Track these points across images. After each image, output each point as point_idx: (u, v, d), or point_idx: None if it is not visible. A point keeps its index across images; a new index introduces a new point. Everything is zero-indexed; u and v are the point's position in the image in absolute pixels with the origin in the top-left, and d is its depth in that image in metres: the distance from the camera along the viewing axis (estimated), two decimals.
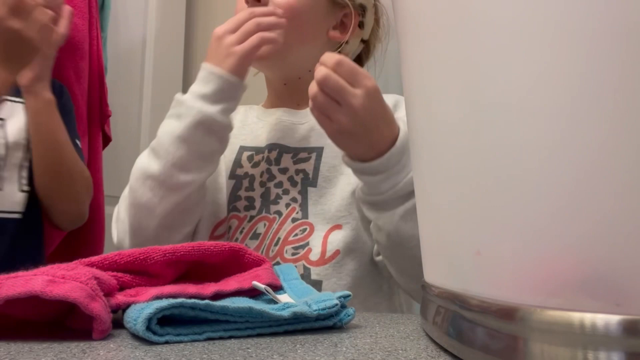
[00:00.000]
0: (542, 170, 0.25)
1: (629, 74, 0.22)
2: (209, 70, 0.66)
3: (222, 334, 0.36)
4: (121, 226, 0.67)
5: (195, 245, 0.46)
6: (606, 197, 0.23)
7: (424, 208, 0.39)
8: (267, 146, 0.75)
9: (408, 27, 0.37)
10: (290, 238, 0.69)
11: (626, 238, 0.23)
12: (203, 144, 0.64)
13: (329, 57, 0.57)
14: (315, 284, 0.65)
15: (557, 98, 0.24)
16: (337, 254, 0.66)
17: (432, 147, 0.35)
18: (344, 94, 0.56)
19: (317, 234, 0.68)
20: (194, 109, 0.63)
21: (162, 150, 0.63)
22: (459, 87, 0.30)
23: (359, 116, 0.57)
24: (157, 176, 0.63)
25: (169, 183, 0.63)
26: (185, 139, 0.63)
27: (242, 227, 0.71)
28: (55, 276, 0.35)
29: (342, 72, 0.56)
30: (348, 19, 0.76)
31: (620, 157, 0.23)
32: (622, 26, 0.22)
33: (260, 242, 0.69)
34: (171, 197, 0.64)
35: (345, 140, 0.60)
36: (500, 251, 0.27)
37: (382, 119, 0.59)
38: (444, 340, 0.32)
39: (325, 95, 0.56)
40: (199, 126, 0.63)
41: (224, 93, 0.65)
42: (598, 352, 0.22)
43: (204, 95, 0.64)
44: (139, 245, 0.64)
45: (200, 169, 0.65)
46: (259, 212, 0.71)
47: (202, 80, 0.65)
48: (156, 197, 0.63)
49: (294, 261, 0.66)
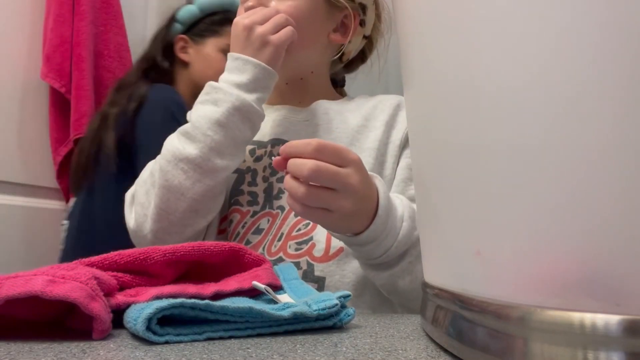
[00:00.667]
0: (542, 171, 0.25)
1: (631, 74, 0.22)
2: (243, 59, 0.66)
3: (222, 334, 0.36)
4: (140, 210, 0.66)
5: (195, 245, 0.46)
6: (606, 197, 0.23)
7: (424, 208, 0.39)
8: (270, 141, 0.75)
9: (408, 26, 0.37)
10: (294, 233, 0.68)
11: (626, 238, 0.23)
12: (238, 130, 0.64)
13: (303, 146, 0.50)
14: (318, 281, 0.65)
15: (557, 98, 0.24)
16: (341, 251, 0.66)
17: (432, 147, 0.35)
18: (340, 178, 0.51)
19: (320, 229, 0.68)
20: (232, 95, 0.64)
21: (199, 134, 0.63)
22: (459, 87, 0.30)
23: (359, 194, 0.52)
24: (194, 159, 0.62)
25: (205, 166, 0.63)
26: (223, 123, 0.63)
27: (245, 221, 0.71)
28: (55, 276, 0.35)
29: (328, 157, 0.51)
30: (348, 20, 0.77)
31: (620, 157, 0.23)
32: (622, 26, 0.22)
33: (262, 237, 0.69)
34: (205, 180, 0.63)
35: (346, 224, 0.55)
36: (500, 251, 0.27)
37: (370, 186, 0.55)
38: (444, 340, 0.32)
39: (317, 189, 0.51)
40: (236, 112, 0.63)
41: (260, 82, 0.66)
42: (598, 352, 0.22)
43: (240, 84, 0.65)
44: (162, 229, 0.64)
45: (233, 156, 0.65)
46: (262, 207, 0.71)
47: (236, 69, 0.66)
48: (189, 180, 0.62)
49: (298, 257, 0.66)
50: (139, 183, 0.68)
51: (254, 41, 0.66)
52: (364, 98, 0.81)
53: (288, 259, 0.66)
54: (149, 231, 0.64)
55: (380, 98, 0.79)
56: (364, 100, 0.80)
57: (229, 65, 0.67)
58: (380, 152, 0.72)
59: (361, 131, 0.74)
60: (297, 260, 0.66)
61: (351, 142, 0.73)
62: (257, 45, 0.66)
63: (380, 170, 0.72)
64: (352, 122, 0.75)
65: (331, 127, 0.75)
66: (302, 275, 0.66)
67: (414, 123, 0.40)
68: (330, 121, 0.75)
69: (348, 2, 0.75)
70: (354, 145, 0.73)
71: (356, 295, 0.66)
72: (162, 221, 0.64)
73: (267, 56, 0.66)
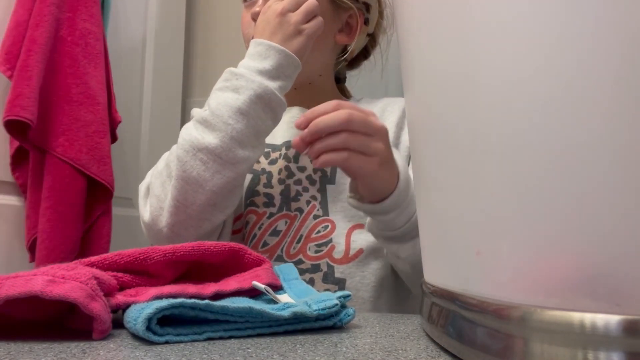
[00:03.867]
0: (542, 171, 0.25)
1: (635, 74, 0.22)
2: (266, 44, 0.63)
3: (222, 334, 0.36)
4: (156, 202, 0.63)
5: (195, 245, 0.46)
6: (606, 197, 0.23)
7: (424, 208, 0.39)
8: (284, 143, 0.75)
9: (408, 24, 0.37)
10: (313, 235, 0.68)
11: (626, 238, 0.23)
12: (260, 120, 0.61)
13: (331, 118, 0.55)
14: (339, 282, 0.65)
15: (559, 99, 0.24)
16: (361, 253, 0.66)
17: (432, 146, 0.35)
18: (370, 122, 0.56)
19: (339, 231, 0.68)
20: (254, 82, 0.60)
21: (220, 122, 0.60)
22: (459, 87, 0.30)
23: (388, 137, 0.57)
24: (214, 149, 0.59)
25: (226, 157, 0.59)
26: (245, 112, 0.60)
27: (261, 223, 0.70)
28: (55, 276, 0.35)
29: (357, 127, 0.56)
30: (353, 19, 0.77)
31: (620, 157, 0.23)
32: (623, 26, 0.22)
33: (280, 239, 0.69)
34: (225, 172, 0.60)
35: (385, 172, 0.58)
36: (500, 251, 0.27)
37: (392, 153, 0.59)
38: (444, 340, 0.32)
39: (355, 133, 0.55)
40: (259, 100, 0.60)
41: (283, 69, 0.63)
42: (598, 352, 0.22)
43: (262, 71, 0.62)
44: (179, 222, 0.61)
45: (254, 147, 0.62)
46: (279, 209, 0.71)
47: (258, 55, 0.63)
48: (209, 171, 0.59)
49: (318, 259, 0.66)
50: (154, 175, 0.65)
51: (287, 29, 0.63)
52: (369, 100, 0.81)
53: (308, 261, 0.66)
54: (165, 225, 0.62)
55: (387, 101, 0.80)
56: (371, 103, 0.80)
57: (250, 51, 0.64)
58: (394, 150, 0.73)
59: None
60: (318, 262, 0.66)
61: None
62: (290, 33, 0.63)
63: None
64: None
65: None
66: (323, 277, 0.66)
67: (413, 122, 0.40)
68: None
69: (353, 2, 0.75)
70: None
71: (376, 296, 0.66)
72: (179, 214, 0.61)
73: (297, 45, 0.64)
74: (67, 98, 1.11)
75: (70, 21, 1.15)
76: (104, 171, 1.13)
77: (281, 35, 0.63)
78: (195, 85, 1.67)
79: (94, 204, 1.14)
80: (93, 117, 1.13)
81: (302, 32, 0.64)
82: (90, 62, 1.16)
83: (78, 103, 1.12)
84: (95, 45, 1.18)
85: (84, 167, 1.09)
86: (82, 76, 1.13)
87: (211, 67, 1.65)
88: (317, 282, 0.67)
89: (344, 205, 0.69)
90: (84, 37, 1.16)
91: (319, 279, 0.67)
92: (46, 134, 1.08)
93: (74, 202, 1.08)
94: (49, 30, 1.10)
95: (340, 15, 0.76)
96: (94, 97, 1.14)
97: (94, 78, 1.16)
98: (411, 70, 0.38)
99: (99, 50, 1.19)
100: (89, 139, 1.12)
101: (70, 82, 1.12)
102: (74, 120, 1.11)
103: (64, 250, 1.06)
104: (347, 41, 0.77)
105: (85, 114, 1.12)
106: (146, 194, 0.66)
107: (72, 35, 1.14)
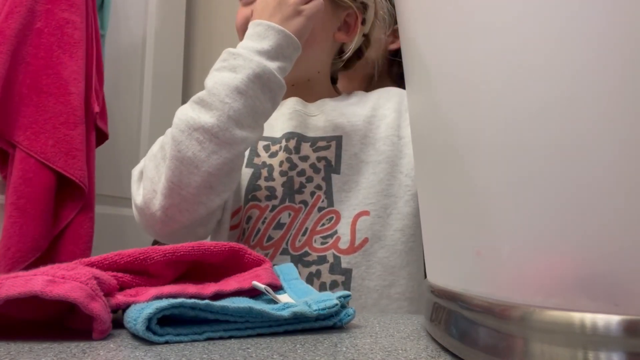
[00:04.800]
0: (542, 171, 0.25)
1: (636, 74, 0.22)
2: (265, 25, 0.63)
3: (222, 334, 0.36)
4: (149, 185, 0.61)
5: (195, 245, 0.46)
6: (606, 197, 0.23)
7: (426, 208, 0.39)
8: (284, 135, 0.74)
9: (411, 25, 0.38)
10: (318, 228, 0.68)
11: (626, 238, 0.23)
12: (258, 100, 0.60)
13: None
14: (345, 273, 0.65)
15: (559, 99, 0.24)
16: (366, 242, 0.66)
17: (432, 146, 0.35)
18: None
19: (344, 221, 0.68)
20: (252, 62, 0.60)
21: (216, 101, 0.58)
22: (459, 87, 0.30)
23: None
24: (210, 128, 0.57)
25: (223, 137, 0.58)
26: (243, 91, 0.59)
27: (265, 217, 0.70)
28: (55, 276, 0.35)
29: None
30: (351, 18, 0.77)
31: (620, 157, 0.23)
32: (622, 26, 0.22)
33: (285, 232, 0.69)
34: (221, 152, 0.58)
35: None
36: (500, 251, 0.27)
37: None
38: (445, 340, 0.32)
39: None
40: (257, 80, 0.60)
41: (282, 50, 0.62)
42: (598, 352, 0.22)
43: (261, 51, 0.61)
44: (173, 205, 0.59)
45: (253, 128, 0.61)
46: (281, 201, 0.70)
47: (256, 35, 0.62)
48: (204, 151, 0.58)
49: (324, 250, 0.66)
50: (149, 157, 0.64)
51: (286, 9, 0.63)
52: (361, 94, 0.81)
53: (314, 253, 0.66)
54: (158, 208, 0.60)
55: (381, 90, 0.81)
56: (363, 95, 0.80)
57: (249, 32, 0.64)
58: (397, 137, 0.72)
59: (372, 121, 0.74)
60: (324, 254, 0.66)
61: (365, 133, 0.73)
62: (289, 14, 0.63)
63: (398, 156, 0.72)
64: (361, 113, 0.75)
65: (343, 119, 0.75)
66: (329, 268, 0.66)
67: (415, 122, 0.40)
68: (341, 115, 0.75)
69: (352, 1, 0.76)
70: (368, 136, 0.73)
71: (386, 285, 0.66)
72: (173, 197, 0.59)
73: (296, 26, 0.63)
74: (37, 89, 1.06)
75: (48, 12, 1.10)
76: (73, 165, 1.06)
77: (280, 15, 0.63)
78: (195, 85, 1.68)
79: (68, 201, 1.08)
80: (63, 108, 1.08)
81: (301, 12, 0.64)
82: (65, 52, 1.11)
83: (47, 94, 1.07)
84: (73, 34, 1.13)
85: (49, 160, 1.03)
86: (55, 66, 1.08)
87: (211, 67, 1.65)
88: (324, 273, 0.66)
89: (348, 195, 0.69)
90: (60, 27, 1.11)
91: (325, 271, 0.66)
92: (12, 126, 1.03)
93: (37, 198, 1.02)
94: (20, 22, 1.05)
95: (339, 13, 0.76)
96: (66, 86, 1.08)
97: (68, 68, 1.10)
98: (413, 69, 0.38)
99: (78, 39, 1.13)
100: (56, 131, 1.06)
101: (41, 73, 1.07)
102: (42, 112, 1.05)
103: (22, 249, 1.00)
104: (346, 39, 0.78)
105: (54, 105, 1.07)
106: (139, 177, 0.64)
107: (49, 27, 1.10)
